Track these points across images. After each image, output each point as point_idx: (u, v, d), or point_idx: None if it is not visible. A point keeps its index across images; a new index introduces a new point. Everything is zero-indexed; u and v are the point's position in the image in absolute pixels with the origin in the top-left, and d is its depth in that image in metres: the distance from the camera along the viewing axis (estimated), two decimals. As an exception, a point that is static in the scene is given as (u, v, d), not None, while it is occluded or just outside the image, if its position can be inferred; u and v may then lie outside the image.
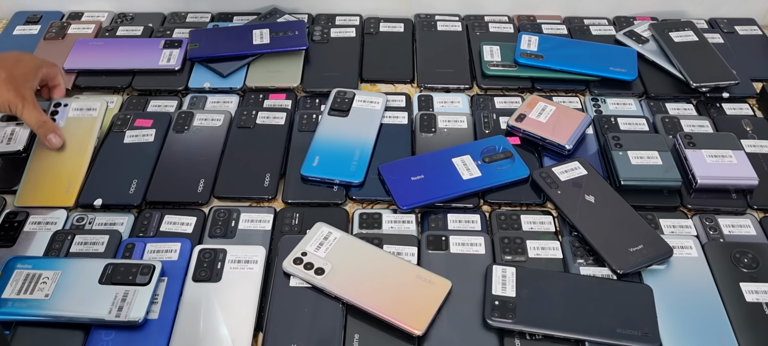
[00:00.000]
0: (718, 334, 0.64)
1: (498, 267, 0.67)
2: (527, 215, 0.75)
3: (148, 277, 0.65)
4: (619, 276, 0.68)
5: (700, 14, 1.09)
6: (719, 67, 0.93)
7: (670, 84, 0.94)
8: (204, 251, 0.69)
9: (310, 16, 1.09)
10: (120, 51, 0.97)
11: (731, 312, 0.66)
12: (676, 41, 0.97)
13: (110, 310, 0.63)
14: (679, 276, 0.69)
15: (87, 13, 1.08)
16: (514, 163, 0.79)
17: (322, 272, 0.66)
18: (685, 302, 0.67)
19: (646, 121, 0.87)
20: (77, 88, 0.93)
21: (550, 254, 0.71)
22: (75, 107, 0.84)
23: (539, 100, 0.87)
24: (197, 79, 0.94)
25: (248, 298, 0.66)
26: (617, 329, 0.62)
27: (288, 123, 0.86)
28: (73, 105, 0.84)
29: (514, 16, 1.09)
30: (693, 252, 0.71)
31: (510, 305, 0.64)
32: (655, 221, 0.74)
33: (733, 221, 0.75)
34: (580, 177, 0.77)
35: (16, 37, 1.03)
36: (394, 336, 0.63)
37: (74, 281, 0.65)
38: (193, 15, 1.08)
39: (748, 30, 1.06)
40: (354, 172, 0.79)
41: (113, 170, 0.80)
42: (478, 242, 0.71)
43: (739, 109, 0.91)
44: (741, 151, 0.80)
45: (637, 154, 0.80)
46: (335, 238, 0.70)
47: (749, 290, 0.67)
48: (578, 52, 0.96)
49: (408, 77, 0.96)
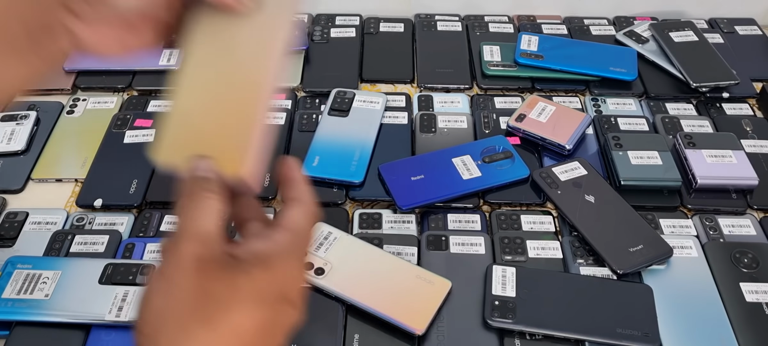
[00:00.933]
0: (718, 334, 0.64)
1: (498, 267, 0.67)
2: (527, 215, 0.75)
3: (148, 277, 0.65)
4: (619, 276, 0.68)
5: (700, 14, 1.09)
6: (719, 67, 0.93)
7: (670, 84, 0.94)
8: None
9: (310, 16, 1.08)
10: (120, 51, 0.97)
11: (731, 312, 0.65)
12: (676, 41, 0.97)
13: (110, 310, 0.63)
14: (679, 276, 0.69)
15: (87, 13, 1.07)
16: (514, 163, 0.79)
17: (321, 272, 0.66)
18: (685, 302, 0.66)
19: (646, 121, 0.87)
20: (77, 88, 0.93)
21: (550, 254, 0.71)
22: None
23: (539, 100, 0.87)
24: (197, 79, 0.93)
25: (248, 298, 0.66)
26: (617, 329, 0.62)
27: (288, 123, 0.86)
28: None
29: (514, 16, 1.09)
30: (693, 252, 0.71)
31: (510, 305, 0.64)
32: (655, 221, 0.74)
33: (733, 221, 0.75)
34: (580, 177, 0.77)
35: (15, 37, 1.02)
36: (394, 336, 0.63)
37: (74, 281, 0.65)
38: (193, 15, 1.08)
39: (748, 30, 1.06)
40: (354, 172, 0.79)
41: (113, 170, 0.80)
42: (478, 242, 0.71)
43: (739, 109, 0.91)
44: (741, 152, 0.80)
45: (637, 154, 0.80)
46: (335, 238, 0.70)
47: (749, 290, 0.67)
48: (578, 52, 0.96)
49: (408, 77, 0.96)
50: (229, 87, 0.43)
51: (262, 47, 0.43)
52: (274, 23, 0.43)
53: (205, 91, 0.43)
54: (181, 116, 0.43)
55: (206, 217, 0.38)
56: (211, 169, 0.40)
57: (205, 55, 0.43)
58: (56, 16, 0.39)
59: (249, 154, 0.41)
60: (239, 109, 0.42)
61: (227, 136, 0.42)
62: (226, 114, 0.42)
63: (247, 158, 0.41)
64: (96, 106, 0.90)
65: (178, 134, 0.42)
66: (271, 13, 0.43)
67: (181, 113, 0.43)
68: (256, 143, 0.41)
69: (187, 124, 0.42)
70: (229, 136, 0.42)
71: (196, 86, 0.43)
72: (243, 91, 0.42)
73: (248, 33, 0.43)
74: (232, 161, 0.41)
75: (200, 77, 0.43)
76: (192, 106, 0.43)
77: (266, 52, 0.43)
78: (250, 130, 0.41)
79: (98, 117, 0.87)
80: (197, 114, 0.42)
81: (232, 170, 0.41)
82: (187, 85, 0.43)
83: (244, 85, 0.43)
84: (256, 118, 0.42)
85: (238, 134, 0.42)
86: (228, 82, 0.43)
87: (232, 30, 0.43)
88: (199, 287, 0.35)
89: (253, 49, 0.43)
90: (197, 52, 0.43)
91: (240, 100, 0.42)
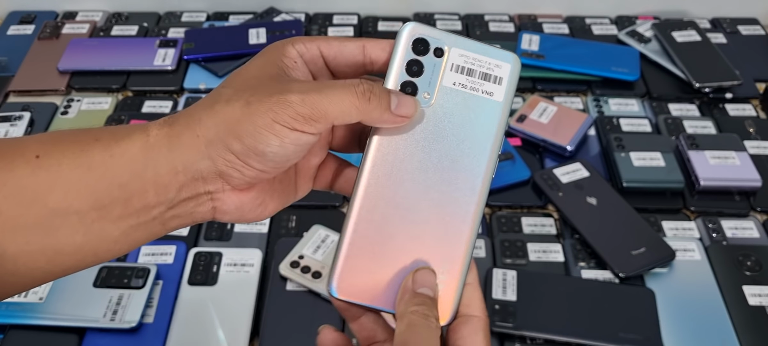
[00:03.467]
0: (721, 337, 0.63)
1: (498, 270, 0.66)
2: (528, 218, 0.74)
3: (143, 280, 0.64)
4: (621, 279, 0.67)
5: (702, 14, 1.08)
6: (722, 68, 0.92)
7: (672, 84, 0.93)
8: (200, 254, 0.68)
9: (307, 16, 1.07)
10: (115, 51, 0.96)
11: (734, 315, 0.65)
12: (678, 41, 0.96)
13: (105, 314, 0.62)
14: (681, 279, 0.68)
15: (81, 13, 1.06)
16: (515, 164, 0.78)
17: (318, 276, 0.65)
18: (688, 305, 0.66)
19: (648, 122, 0.86)
20: (71, 88, 0.92)
21: (551, 257, 0.70)
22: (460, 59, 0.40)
23: (540, 101, 0.86)
24: (193, 80, 0.93)
25: (244, 302, 0.65)
26: (619, 333, 0.62)
27: (285, 124, 0.85)
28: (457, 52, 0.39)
29: (515, 15, 1.08)
30: (696, 255, 0.70)
31: (511, 309, 0.63)
32: (657, 224, 0.74)
33: (737, 223, 0.74)
34: (581, 179, 0.77)
35: (10, 37, 1.02)
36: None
37: (68, 284, 0.64)
38: (189, 14, 1.07)
39: (751, 30, 1.05)
40: (352, 173, 0.78)
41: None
42: (478, 244, 0.70)
43: (742, 110, 0.90)
44: (744, 153, 0.79)
45: (639, 156, 0.79)
46: (332, 241, 0.69)
47: (752, 294, 0.66)
48: (580, 52, 0.95)
49: (407, 77, 0.95)
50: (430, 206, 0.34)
51: (467, 150, 0.34)
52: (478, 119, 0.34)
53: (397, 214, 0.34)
54: (365, 243, 0.34)
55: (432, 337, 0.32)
56: (434, 285, 0.33)
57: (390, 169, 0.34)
58: (206, 188, 0.32)
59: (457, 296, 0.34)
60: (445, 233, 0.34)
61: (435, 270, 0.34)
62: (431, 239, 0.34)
63: (455, 302, 0.34)
64: (90, 107, 0.89)
65: (364, 265, 0.34)
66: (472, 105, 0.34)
67: (364, 239, 0.34)
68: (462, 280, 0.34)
69: (374, 254, 0.34)
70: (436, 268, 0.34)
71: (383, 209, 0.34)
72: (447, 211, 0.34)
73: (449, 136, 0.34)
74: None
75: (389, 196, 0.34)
76: (380, 233, 0.34)
77: (473, 154, 0.34)
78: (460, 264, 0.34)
79: (92, 118, 0.86)
80: (387, 242, 0.34)
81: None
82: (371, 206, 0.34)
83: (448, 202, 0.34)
84: (466, 249, 0.34)
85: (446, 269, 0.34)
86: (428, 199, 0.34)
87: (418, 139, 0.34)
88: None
89: (454, 155, 0.34)
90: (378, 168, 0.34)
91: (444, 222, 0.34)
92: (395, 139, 0.34)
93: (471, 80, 0.34)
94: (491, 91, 0.34)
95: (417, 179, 0.34)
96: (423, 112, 0.34)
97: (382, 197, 0.34)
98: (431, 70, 0.34)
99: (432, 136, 0.34)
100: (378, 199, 0.34)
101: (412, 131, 0.34)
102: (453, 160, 0.34)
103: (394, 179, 0.34)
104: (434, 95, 0.34)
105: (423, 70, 0.34)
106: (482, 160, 0.34)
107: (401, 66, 0.34)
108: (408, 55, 0.34)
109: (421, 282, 0.33)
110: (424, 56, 0.34)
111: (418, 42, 0.34)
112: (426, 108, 0.34)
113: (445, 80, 0.34)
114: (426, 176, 0.34)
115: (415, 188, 0.34)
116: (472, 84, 0.34)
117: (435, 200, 0.34)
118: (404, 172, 0.34)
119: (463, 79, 0.34)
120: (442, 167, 0.34)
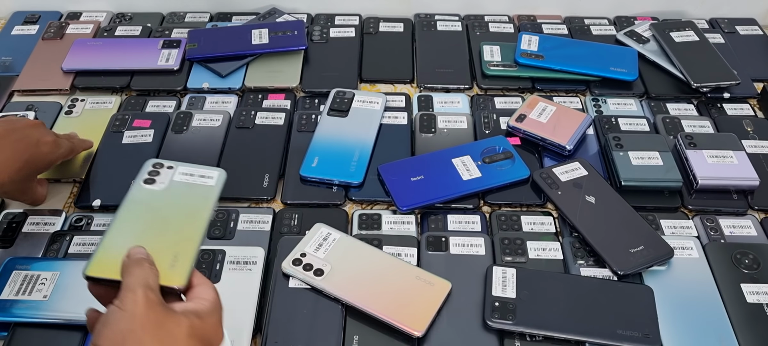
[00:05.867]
0: (719, 335, 0.64)
1: (498, 268, 0.67)
2: (527, 216, 0.75)
3: (147, 278, 0.65)
4: (620, 277, 0.68)
5: (700, 14, 1.09)
6: (720, 68, 0.93)
7: (670, 84, 0.94)
8: (202, 252, 0.69)
9: (309, 16, 1.08)
10: (118, 51, 0.97)
11: (732, 313, 0.65)
12: (676, 41, 0.97)
13: (108, 311, 0.63)
14: (679, 277, 0.69)
15: (85, 13, 1.07)
16: (515, 163, 0.79)
17: (321, 273, 0.66)
18: (686, 303, 0.66)
19: (646, 122, 0.87)
20: (75, 88, 0.93)
21: (550, 255, 0.71)
22: (183, 172, 0.60)
23: (540, 101, 0.86)
24: (196, 80, 0.93)
25: (247, 299, 0.65)
26: (618, 330, 0.62)
27: (287, 123, 0.86)
28: (180, 169, 0.60)
29: (515, 16, 1.09)
30: (694, 253, 0.71)
31: (510, 306, 0.64)
32: (655, 222, 0.74)
33: (734, 221, 0.75)
34: (580, 178, 0.77)
35: (14, 37, 1.02)
36: (393, 338, 0.63)
37: (72, 282, 0.65)
38: (192, 15, 1.08)
39: (749, 30, 1.06)
40: (353, 172, 0.78)
41: (112, 171, 0.80)
42: (478, 242, 0.71)
43: (740, 110, 0.91)
44: (742, 152, 0.80)
45: (637, 155, 0.79)
46: (335, 239, 0.69)
47: (750, 292, 0.67)
48: (579, 52, 0.96)
49: (408, 77, 0.96)
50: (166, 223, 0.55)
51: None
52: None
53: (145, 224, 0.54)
54: (119, 238, 0.52)
55: (149, 274, 0.48)
56: (145, 253, 0.50)
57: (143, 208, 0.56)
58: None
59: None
60: (178, 236, 0.54)
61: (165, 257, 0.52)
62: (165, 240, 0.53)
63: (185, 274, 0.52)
64: (94, 106, 0.89)
65: (117, 253, 0.51)
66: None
67: (119, 235, 0.53)
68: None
69: (124, 246, 0.51)
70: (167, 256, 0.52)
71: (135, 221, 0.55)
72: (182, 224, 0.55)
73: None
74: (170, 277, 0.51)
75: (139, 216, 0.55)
76: (131, 232, 0.53)
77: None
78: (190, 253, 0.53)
79: (97, 117, 0.87)
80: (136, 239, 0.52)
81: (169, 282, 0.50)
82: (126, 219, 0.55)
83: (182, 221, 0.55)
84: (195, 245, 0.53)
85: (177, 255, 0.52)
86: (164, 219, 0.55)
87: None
88: (154, 318, 0.46)
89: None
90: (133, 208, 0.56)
91: (179, 230, 0.54)
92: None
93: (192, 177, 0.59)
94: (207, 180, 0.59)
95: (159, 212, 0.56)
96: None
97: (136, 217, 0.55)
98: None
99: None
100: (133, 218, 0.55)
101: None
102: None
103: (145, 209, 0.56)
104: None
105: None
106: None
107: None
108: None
109: (137, 251, 0.50)
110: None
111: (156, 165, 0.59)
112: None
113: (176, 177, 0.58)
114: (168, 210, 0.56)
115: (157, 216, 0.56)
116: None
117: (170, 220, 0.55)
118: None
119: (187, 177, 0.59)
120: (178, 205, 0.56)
